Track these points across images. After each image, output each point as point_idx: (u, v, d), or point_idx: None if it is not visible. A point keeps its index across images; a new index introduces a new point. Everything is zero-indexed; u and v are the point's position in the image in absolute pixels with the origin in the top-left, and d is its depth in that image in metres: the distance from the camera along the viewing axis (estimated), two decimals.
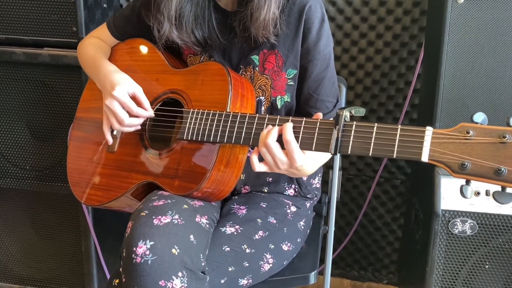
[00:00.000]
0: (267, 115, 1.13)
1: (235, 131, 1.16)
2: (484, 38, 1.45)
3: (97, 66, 1.38)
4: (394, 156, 0.95)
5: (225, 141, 1.17)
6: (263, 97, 1.33)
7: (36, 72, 1.75)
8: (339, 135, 1.01)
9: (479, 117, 0.90)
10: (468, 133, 0.89)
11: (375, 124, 0.98)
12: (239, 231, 1.26)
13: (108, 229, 1.85)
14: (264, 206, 1.36)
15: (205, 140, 1.20)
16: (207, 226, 1.19)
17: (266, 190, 1.43)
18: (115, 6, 1.91)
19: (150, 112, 1.30)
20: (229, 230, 1.25)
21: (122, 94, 1.27)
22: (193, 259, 1.09)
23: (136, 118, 1.29)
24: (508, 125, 0.87)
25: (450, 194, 1.49)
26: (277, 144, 1.07)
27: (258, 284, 1.31)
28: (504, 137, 0.86)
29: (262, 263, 1.28)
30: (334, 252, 2.13)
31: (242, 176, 1.39)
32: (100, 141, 1.40)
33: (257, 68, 1.33)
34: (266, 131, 1.09)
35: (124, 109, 1.27)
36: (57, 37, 1.70)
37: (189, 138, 1.22)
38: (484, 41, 1.45)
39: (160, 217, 1.10)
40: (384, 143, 0.96)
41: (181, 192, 1.22)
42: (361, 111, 1.07)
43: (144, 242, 1.06)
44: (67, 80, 1.74)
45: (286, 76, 1.32)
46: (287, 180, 1.43)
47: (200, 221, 1.17)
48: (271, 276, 1.33)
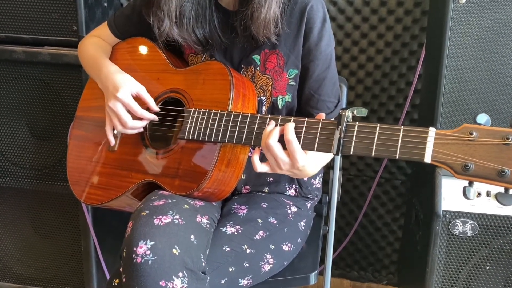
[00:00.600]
0: (269, 115, 1.12)
1: (237, 131, 1.16)
2: (486, 38, 1.45)
3: (98, 66, 1.38)
4: (397, 157, 0.94)
5: (226, 141, 1.17)
6: (264, 97, 1.33)
7: (36, 71, 1.75)
8: (341, 136, 1.00)
9: (482, 118, 0.89)
10: (471, 134, 0.88)
11: (378, 125, 0.98)
12: (240, 231, 1.25)
13: (108, 229, 1.85)
14: (265, 206, 1.36)
15: (206, 140, 1.20)
16: (208, 226, 1.19)
17: (267, 190, 1.42)
18: (116, 5, 1.91)
19: (154, 116, 1.29)
20: (230, 230, 1.25)
21: (126, 96, 1.27)
22: (194, 259, 1.09)
23: (139, 121, 1.29)
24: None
25: (451, 195, 1.49)
26: (279, 145, 1.07)
27: (259, 285, 1.30)
28: (508, 139, 0.86)
29: (263, 264, 1.27)
30: (334, 253, 2.13)
31: (243, 176, 1.39)
32: (100, 140, 1.40)
33: (258, 68, 1.32)
34: (268, 131, 1.08)
35: (128, 111, 1.27)
36: (57, 36, 1.70)
37: (190, 138, 1.22)
38: (486, 41, 1.45)
39: (161, 217, 1.10)
40: (387, 144, 0.96)
41: (182, 192, 1.22)
42: (363, 112, 1.07)
43: (145, 242, 1.05)
44: (67, 79, 1.73)
45: (287, 76, 1.31)
46: (288, 180, 1.43)
47: (201, 221, 1.17)
48: (272, 277, 1.33)
